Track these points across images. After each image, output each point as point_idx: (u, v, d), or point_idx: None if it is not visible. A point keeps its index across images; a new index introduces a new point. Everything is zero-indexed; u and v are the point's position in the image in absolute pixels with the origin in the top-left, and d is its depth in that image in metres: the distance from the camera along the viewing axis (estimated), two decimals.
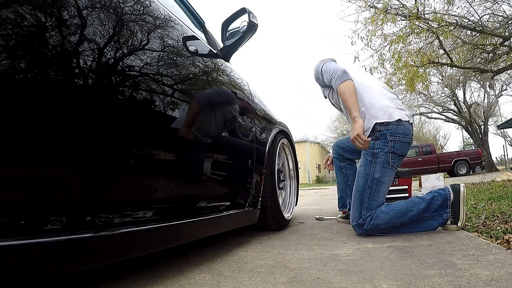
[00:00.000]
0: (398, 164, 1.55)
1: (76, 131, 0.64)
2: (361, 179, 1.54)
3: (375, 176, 1.50)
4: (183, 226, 0.99)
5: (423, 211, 1.43)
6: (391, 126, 1.50)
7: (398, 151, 1.51)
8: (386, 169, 1.50)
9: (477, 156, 12.21)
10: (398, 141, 1.50)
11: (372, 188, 1.49)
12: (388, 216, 1.44)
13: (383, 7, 6.72)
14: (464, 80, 15.58)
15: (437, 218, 1.43)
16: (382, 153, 1.50)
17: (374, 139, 1.52)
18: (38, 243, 0.56)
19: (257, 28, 1.38)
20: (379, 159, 1.50)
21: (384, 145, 1.50)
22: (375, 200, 1.49)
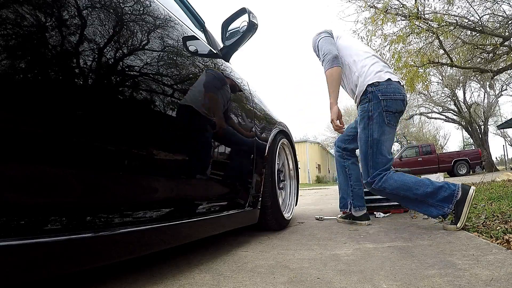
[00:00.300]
0: (395, 121, 1.62)
1: (76, 131, 0.64)
2: (363, 143, 1.64)
3: (374, 137, 1.59)
4: (183, 226, 0.99)
5: (428, 195, 1.47)
6: (381, 86, 1.58)
7: (392, 109, 1.58)
8: (383, 127, 1.58)
9: (477, 156, 12.20)
10: (390, 99, 1.57)
11: (374, 148, 1.59)
12: (396, 184, 1.53)
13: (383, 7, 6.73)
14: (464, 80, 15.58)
15: (439, 208, 1.47)
16: (376, 113, 1.58)
17: (367, 102, 1.61)
18: (38, 243, 0.55)
19: (257, 28, 1.38)
20: (375, 120, 1.59)
21: (377, 105, 1.58)
22: (379, 158, 1.59)
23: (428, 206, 1.49)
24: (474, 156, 12.17)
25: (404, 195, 1.53)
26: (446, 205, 1.45)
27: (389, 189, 1.56)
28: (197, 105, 1.10)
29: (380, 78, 1.60)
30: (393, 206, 2.29)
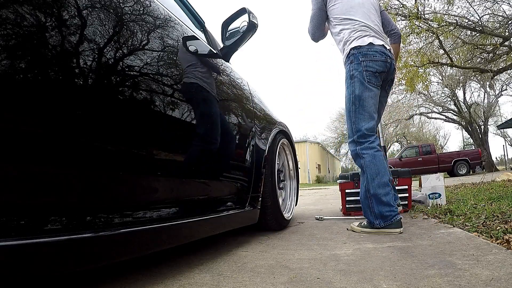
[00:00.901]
0: (375, 81, 1.70)
1: (76, 131, 0.64)
2: (346, 100, 1.74)
3: (356, 93, 1.68)
4: (183, 226, 0.99)
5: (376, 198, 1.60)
6: (363, 49, 1.69)
7: (372, 68, 1.68)
8: (363, 85, 1.67)
9: (477, 156, 12.19)
10: (370, 60, 1.68)
11: (356, 104, 1.68)
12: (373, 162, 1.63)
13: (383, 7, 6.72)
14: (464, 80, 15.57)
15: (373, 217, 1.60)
16: (357, 72, 1.69)
17: (349, 63, 1.72)
18: (38, 243, 0.56)
19: (257, 28, 1.38)
20: (356, 78, 1.69)
21: (358, 65, 1.69)
22: (362, 114, 1.67)
23: (368, 207, 1.63)
24: (474, 156, 12.17)
25: (366, 179, 1.64)
26: (378, 220, 1.58)
27: (367, 160, 1.64)
28: (196, 105, 1.10)
29: (362, 42, 1.71)
30: None
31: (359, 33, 1.74)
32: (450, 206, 2.13)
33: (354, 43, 1.72)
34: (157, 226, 0.86)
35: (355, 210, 2.37)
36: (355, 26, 1.76)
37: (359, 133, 1.67)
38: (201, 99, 1.14)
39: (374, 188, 1.61)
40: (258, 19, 1.40)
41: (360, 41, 1.71)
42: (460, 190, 3.53)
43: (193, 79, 1.11)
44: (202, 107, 1.14)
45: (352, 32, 1.76)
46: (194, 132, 1.08)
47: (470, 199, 2.37)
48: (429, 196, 2.35)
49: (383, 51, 1.71)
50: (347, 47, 1.75)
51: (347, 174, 2.49)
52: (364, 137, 1.67)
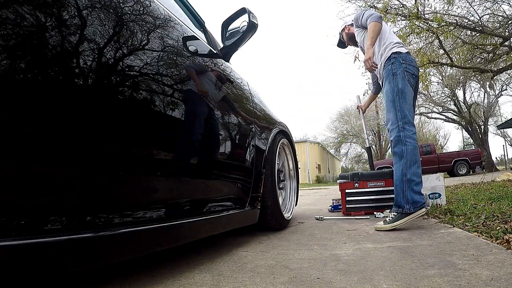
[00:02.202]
0: (412, 82, 1.90)
1: (76, 130, 0.64)
2: (389, 93, 1.90)
3: (399, 87, 1.87)
4: (183, 226, 0.99)
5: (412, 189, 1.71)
6: (403, 55, 1.94)
7: (410, 71, 1.90)
8: (405, 81, 1.87)
9: (477, 156, 12.19)
10: (409, 64, 1.91)
11: (400, 95, 1.86)
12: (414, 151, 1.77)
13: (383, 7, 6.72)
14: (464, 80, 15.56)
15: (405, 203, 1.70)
16: (399, 71, 1.89)
17: (391, 64, 1.93)
18: (38, 243, 0.55)
19: (257, 28, 1.38)
20: (398, 75, 1.89)
21: (399, 65, 1.90)
22: (405, 105, 1.83)
23: (401, 190, 1.73)
24: (474, 156, 12.16)
25: (405, 165, 1.75)
26: (409, 205, 1.68)
27: (409, 148, 1.76)
28: (196, 105, 1.10)
29: (402, 50, 1.97)
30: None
31: (399, 43, 2.02)
32: (450, 206, 2.13)
33: (395, 49, 1.97)
34: (157, 226, 0.86)
35: (355, 210, 2.37)
36: (394, 37, 2.05)
37: (405, 119, 1.81)
38: (201, 99, 1.14)
39: (411, 175, 1.73)
40: (258, 19, 1.40)
41: (400, 49, 1.97)
42: (460, 190, 3.53)
43: (193, 79, 1.11)
44: (202, 107, 1.14)
45: (393, 39, 2.03)
46: (194, 132, 1.08)
47: (470, 199, 2.37)
48: (429, 196, 2.35)
49: (415, 61, 1.99)
50: (389, 51, 1.97)
51: (347, 174, 2.49)
52: (409, 124, 1.82)
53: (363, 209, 2.35)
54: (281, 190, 2.08)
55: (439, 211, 1.98)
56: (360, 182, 2.38)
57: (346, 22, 2.48)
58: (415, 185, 1.71)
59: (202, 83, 1.18)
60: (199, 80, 1.15)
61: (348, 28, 2.44)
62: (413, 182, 1.71)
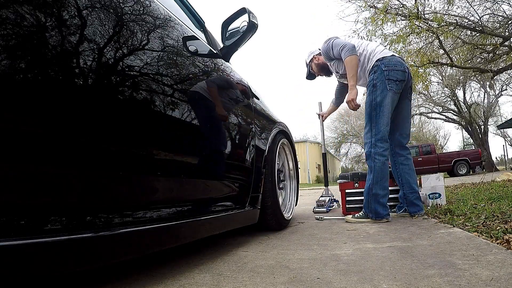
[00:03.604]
0: (397, 88, 1.91)
1: (76, 131, 0.64)
2: (367, 106, 1.94)
3: (377, 101, 1.89)
4: (183, 226, 0.99)
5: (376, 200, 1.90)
6: (385, 60, 1.92)
7: (393, 77, 1.89)
8: (385, 92, 1.88)
9: (477, 156, 12.19)
10: (392, 69, 1.88)
11: (377, 110, 1.89)
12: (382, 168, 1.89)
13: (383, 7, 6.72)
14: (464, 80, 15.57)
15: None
16: (379, 82, 1.90)
17: (373, 73, 1.92)
18: (38, 243, 0.55)
19: (257, 28, 1.38)
20: (378, 86, 1.90)
21: (381, 75, 1.89)
22: (380, 120, 1.88)
23: (367, 202, 1.92)
24: (474, 156, 12.17)
25: (371, 179, 1.90)
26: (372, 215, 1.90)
27: (376, 165, 1.88)
28: (196, 105, 1.10)
29: (385, 54, 1.95)
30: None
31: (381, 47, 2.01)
32: (450, 206, 2.13)
33: (377, 56, 1.95)
34: (157, 226, 0.86)
35: (355, 210, 2.37)
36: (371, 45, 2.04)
37: (378, 135, 1.88)
38: (201, 99, 1.14)
39: (376, 189, 1.89)
40: (258, 19, 1.40)
41: (383, 54, 1.94)
42: (460, 190, 3.53)
43: (193, 79, 1.11)
44: (202, 107, 1.14)
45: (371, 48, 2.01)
46: (194, 132, 1.08)
47: (470, 199, 2.37)
48: (429, 196, 2.35)
49: (402, 62, 1.95)
50: (371, 62, 1.97)
51: (347, 174, 2.49)
52: (381, 141, 1.89)
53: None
54: (281, 190, 2.08)
55: (439, 211, 1.98)
56: (360, 182, 2.37)
57: (313, 52, 2.42)
58: (381, 197, 1.89)
59: (202, 83, 1.18)
60: (199, 80, 1.15)
61: (317, 58, 2.38)
62: (378, 195, 1.88)
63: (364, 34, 7.26)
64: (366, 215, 1.93)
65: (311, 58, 2.43)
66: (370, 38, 7.14)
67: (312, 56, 2.42)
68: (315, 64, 2.41)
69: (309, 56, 2.44)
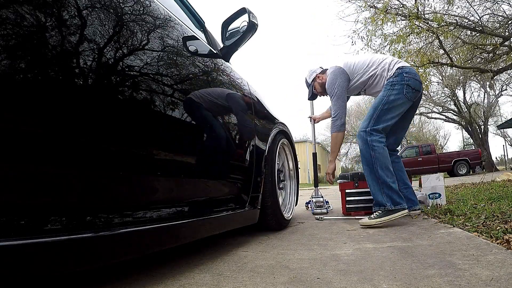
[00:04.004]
0: (412, 96, 1.90)
1: (76, 131, 0.64)
2: (377, 100, 1.90)
3: (390, 99, 1.86)
4: (183, 226, 0.99)
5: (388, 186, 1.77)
6: (406, 68, 1.93)
7: (412, 85, 1.88)
8: (400, 95, 1.86)
9: (477, 156, 12.19)
10: (412, 78, 1.89)
11: (385, 106, 1.85)
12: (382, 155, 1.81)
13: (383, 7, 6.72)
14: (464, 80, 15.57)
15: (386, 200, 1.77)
16: (399, 85, 1.87)
17: (394, 77, 1.90)
18: (38, 243, 0.55)
19: (257, 28, 1.38)
20: (396, 88, 1.87)
21: (402, 79, 1.88)
22: (385, 116, 1.85)
23: (379, 190, 1.79)
24: (474, 156, 12.16)
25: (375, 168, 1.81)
26: (390, 202, 1.74)
27: (377, 152, 1.80)
28: (196, 105, 1.10)
29: (404, 64, 1.96)
30: None
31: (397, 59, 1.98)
32: (450, 206, 2.13)
33: (397, 65, 1.94)
34: (157, 226, 0.86)
35: (355, 210, 2.37)
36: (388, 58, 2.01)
37: (375, 126, 1.85)
38: (201, 99, 1.14)
39: (384, 177, 1.79)
40: (258, 19, 1.40)
41: (403, 63, 1.95)
42: (460, 190, 3.53)
43: (193, 79, 1.11)
44: (202, 107, 1.14)
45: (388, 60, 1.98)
46: (194, 132, 1.08)
47: (470, 199, 2.37)
48: (429, 196, 2.35)
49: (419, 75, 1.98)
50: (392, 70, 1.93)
51: (347, 174, 2.49)
52: (377, 131, 1.85)
53: (363, 209, 2.35)
54: (281, 190, 2.08)
55: (439, 211, 1.98)
56: (360, 182, 2.37)
57: (315, 71, 2.30)
58: (392, 183, 1.79)
59: (202, 83, 1.18)
60: (199, 80, 1.15)
61: (320, 77, 2.27)
62: (388, 182, 1.78)
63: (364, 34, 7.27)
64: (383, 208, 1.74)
65: (313, 77, 2.30)
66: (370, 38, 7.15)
67: (314, 75, 2.29)
68: (318, 84, 2.29)
69: (311, 75, 2.31)
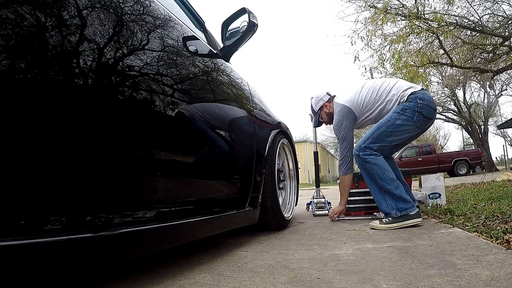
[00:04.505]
0: (422, 124, 1.81)
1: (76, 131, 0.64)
2: (383, 121, 1.83)
3: (396, 122, 1.78)
4: (183, 226, 0.99)
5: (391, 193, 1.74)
6: (419, 93, 1.81)
7: (425, 113, 1.78)
8: (408, 122, 1.77)
9: (477, 156, 12.19)
10: (426, 105, 1.78)
11: (388, 128, 1.79)
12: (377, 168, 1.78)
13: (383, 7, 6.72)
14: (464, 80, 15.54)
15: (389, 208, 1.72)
16: (410, 110, 1.77)
17: (406, 101, 1.80)
18: (38, 243, 0.55)
19: (257, 28, 1.38)
20: (406, 113, 1.78)
21: (415, 105, 1.78)
22: (384, 138, 1.80)
23: (383, 200, 1.75)
24: (474, 156, 12.16)
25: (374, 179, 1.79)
26: (395, 210, 1.69)
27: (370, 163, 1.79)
28: (196, 105, 1.10)
29: (415, 88, 1.84)
30: None
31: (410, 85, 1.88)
32: (450, 206, 2.13)
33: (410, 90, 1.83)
34: (157, 226, 0.86)
35: (355, 210, 2.37)
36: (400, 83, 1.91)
37: (370, 145, 1.81)
38: (201, 99, 1.14)
39: (385, 184, 1.75)
40: (258, 19, 1.40)
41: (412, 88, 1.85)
42: (460, 190, 3.53)
43: (193, 79, 1.11)
44: (202, 107, 1.14)
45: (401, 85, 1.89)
46: (193, 132, 1.08)
47: (470, 199, 2.37)
48: (429, 196, 2.35)
49: (433, 100, 1.85)
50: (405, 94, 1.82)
51: None
52: (370, 149, 1.82)
53: (363, 209, 2.35)
54: (281, 190, 2.08)
55: (439, 211, 1.98)
56: (360, 182, 2.37)
57: (322, 99, 2.21)
58: (394, 189, 1.73)
59: (202, 83, 1.18)
60: (199, 80, 1.15)
61: (327, 106, 2.19)
62: (390, 189, 1.74)
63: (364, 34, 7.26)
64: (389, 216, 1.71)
65: (320, 105, 2.22)
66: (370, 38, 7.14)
67: (322, 104, 2.22)
68: (325, 113, 2.22)
69: (318, 103, 2.23)
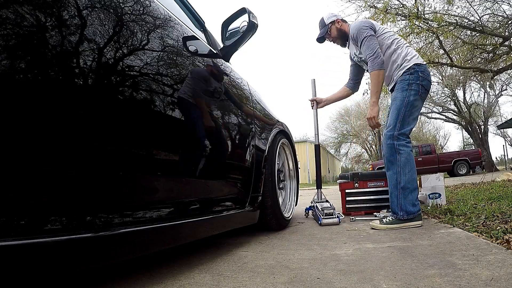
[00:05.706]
0: (424, 96, 1.89)
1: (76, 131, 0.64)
2: (399, 102, 1.85)
3: (410, 99, 1.82)
4: (183, 226, 0.99)
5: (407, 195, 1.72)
6: (422, 67, 1.88)
7: (426, 86, 1.87)
8: (417, 96, 1.84)
9: (477, 156, 12.18)
10: (426, 78, 1.87)
11: (407, 107, 1.82)
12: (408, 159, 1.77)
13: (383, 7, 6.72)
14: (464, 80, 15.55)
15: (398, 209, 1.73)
16: (415, 84, 1.84)
17: (409, 74, 1.85)
18: (38, 243, 0.55)
19: (257, 28, 1.38)
20: (413, 87, 1.84)
21: (417, 78, 1.84)
22: (409, 118, 1.82)
23: (395, 197, 1.75)
24: (474, 156, 12.15)
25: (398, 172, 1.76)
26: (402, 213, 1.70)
27: (403, 156, 1.76)
28: (196, 105, 1.10)
29: (421, 61, 1.90)
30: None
31: (415, 53, 1.93)
32: (450, 206, 2.13)
33: (415, 60, 1.88)
34: (157, 226, 0.86)
35: (355, 210, 2.37)
36: (409, 48, 1.96)
37: (402, 130, 1.81)
38: (201, 99, 1.14)
39: (405, 182, 1.74)
40: (258, 19, 1.40)
41: (420, 60, 1.90)
42: (460, 190, 3.53)
43: (193, 79, 1.11)
44: (202, 107, 1.14)
45: (409, 50, 1.94)
46: (194, 132, 1.08)
47: (470, 199, 2.37)
48: (429, 196, 2.35)
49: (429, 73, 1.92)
50: (408, 62, 1.88)
51: (347, 174, 2.49)
52: (404, 135, 1.81)
53: (363, 209, 2.35)
54: (281, 190, 2.08)
55: (439, 211, 1.98)
56: (360, 182, 2.38)
57: (337, 15, 2.11)
58: (410, 192, 1.72)
59: (202, 83, 1.18)
60: (199, 80, 1.15)
61: (340, 23, 2.09)
62: (407, 189, 1.73)
63: None
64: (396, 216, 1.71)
65: (332, 19, 2.09)
66: None
67: (334, 18, 2.09)
68: (336, 28, 2.09)
69: (331, 17, 2.10)
